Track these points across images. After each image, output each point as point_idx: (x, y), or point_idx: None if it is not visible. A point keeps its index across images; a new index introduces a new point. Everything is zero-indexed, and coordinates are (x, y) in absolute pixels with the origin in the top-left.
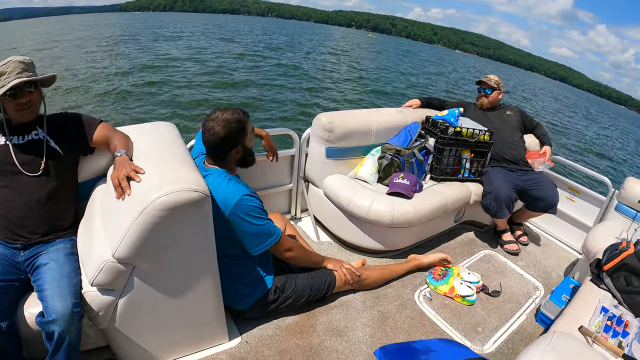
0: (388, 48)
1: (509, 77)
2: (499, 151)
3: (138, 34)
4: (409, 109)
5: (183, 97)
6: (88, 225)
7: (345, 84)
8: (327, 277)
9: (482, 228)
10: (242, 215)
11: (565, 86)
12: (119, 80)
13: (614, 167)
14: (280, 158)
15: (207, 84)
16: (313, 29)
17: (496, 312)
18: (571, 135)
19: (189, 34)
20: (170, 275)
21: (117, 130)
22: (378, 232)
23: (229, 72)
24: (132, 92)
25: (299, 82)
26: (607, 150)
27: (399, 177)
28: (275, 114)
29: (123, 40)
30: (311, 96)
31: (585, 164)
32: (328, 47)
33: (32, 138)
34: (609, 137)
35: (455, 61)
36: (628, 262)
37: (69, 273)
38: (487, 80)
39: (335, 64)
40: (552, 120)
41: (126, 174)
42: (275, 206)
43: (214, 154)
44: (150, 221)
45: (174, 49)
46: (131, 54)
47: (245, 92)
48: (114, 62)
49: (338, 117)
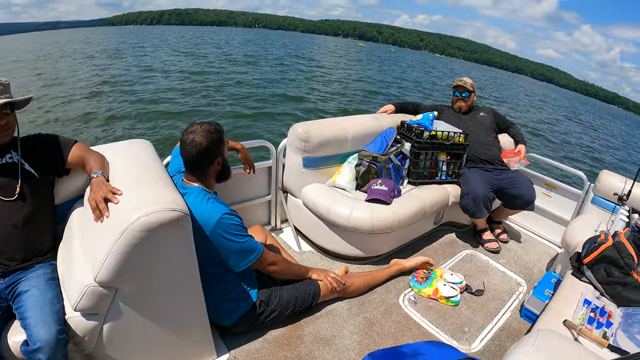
0: (380, 56)
1: (494, 81)
2: (475, 152)
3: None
4: (383, 114)
5: (157, 112)
6: (67, 248)
7: (340, 94)
8: (311, 287)
9: (462, 228)
10: (223, 234)
11: (551, 87)
12: (85, 100)
13: (592, 162)
14: (257, 170)
15: (178, 98)
16: (301, 39)
17: (481, 310)
18: (552, 133)
19: (171, 47)
20: (153, 296)
21: (93, 150)
22: (359, 239)
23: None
24: (100, 111)
25: (291, 92)
26: (586, 146)
27: (377, 184)
28: (262, 127)
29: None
30: (308, 108)
31: (563, 160)
32: (322, 57)
33: (6, 162)
34: (588, 134)
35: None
36: (607, 254)
37: (51, 299)
38: (463, 83)
39: (329, 74)
40: (532, 119)
41: (103, 195)
42: (254, 218)
43: (195, 166)
44: (131, 243)
45: (153, 61)
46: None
47: (226, 105)
48: (79, 82)
49: (313, 127)
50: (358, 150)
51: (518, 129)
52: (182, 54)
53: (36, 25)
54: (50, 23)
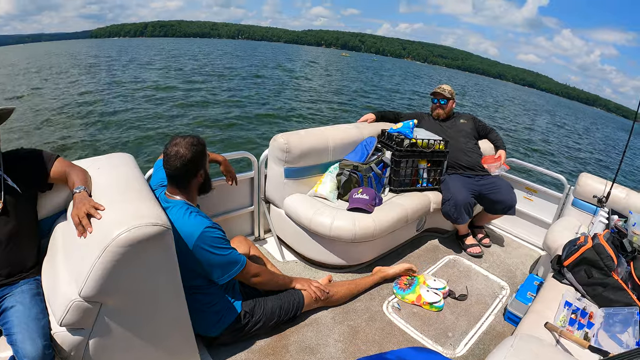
0: (367, 66)
1: (475, 86)
2: (455, 159)
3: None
4: (364, 123)
5: (141, 124)
6: (52, 263)
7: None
8: (295, 297)
9: (444, 234)
10: (206, 247)
11: (533, 91)
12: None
13: (573, 164)
14: (239, 181)
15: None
16: (285, 49)
17: (464, 315)
18: (532, 136)
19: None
20: (137, 310)
21: (75, 165)
22: (342, 248)
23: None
24: (78, 121)
25: (282, 103)
26: (565, 148)
27: (358, 193)
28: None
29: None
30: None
31: (543, 164)
32: (308, 67)
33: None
34: (569, 137)
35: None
36: (587, 256)
37: (36, 315)
38: (441, 91)
39: (317, 84)
40: (514, 123)
41: (86, 211)
42: (238, 229)
43: (178, 179)
44: (113, 258)
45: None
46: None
47: (221, 113)
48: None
49: (294, 137)
50: (339, 159)
51: (498, 134)
52: (153, 68)
53: (19, 37)
54: (33, 35)
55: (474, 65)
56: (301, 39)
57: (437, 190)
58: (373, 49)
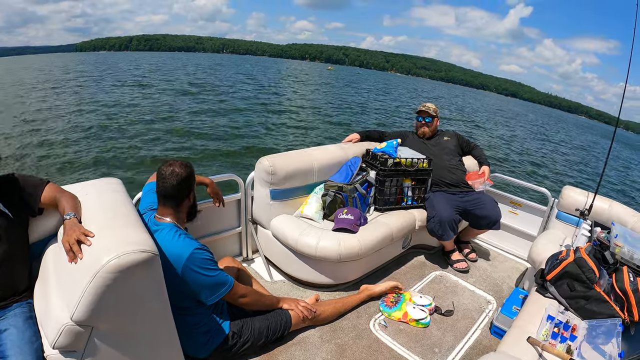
0: (352, 80)
1: (455, 97)
2: (439, 176)
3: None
4: (349, 144)
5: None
6: (43, 287)
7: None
8: (282, 316)
9: (430, 250)
10: (195, 268)
11: (516, 101)
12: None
13: (555, 176)
14: (226, 203)
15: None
16: (270, 63)
17: (451, 330)
18: (513, 148)
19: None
20: (128, 332)
21: (65, 190)
22: (328, 268)
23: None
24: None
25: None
26: (546, 160)
27: (343, 213)
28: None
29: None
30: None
31: (527, 177)
32: (295, 81)
33: None
34: (549, 147)
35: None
36: (569, 270)
37: (29, 338)
38: (426, 109)
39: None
40: (494, 135)
41: (76, 238)
42: (226, 250)
43: (172, 199)
44: (103, 283)
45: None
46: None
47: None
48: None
49: (279, 160)
50: (324, 180)
51: (481, 150)
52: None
53: (4, 50)
54: (19, 48)
55: (457, 77)
56: (285, 53)
57: (422, 207)
58: (357, 62)
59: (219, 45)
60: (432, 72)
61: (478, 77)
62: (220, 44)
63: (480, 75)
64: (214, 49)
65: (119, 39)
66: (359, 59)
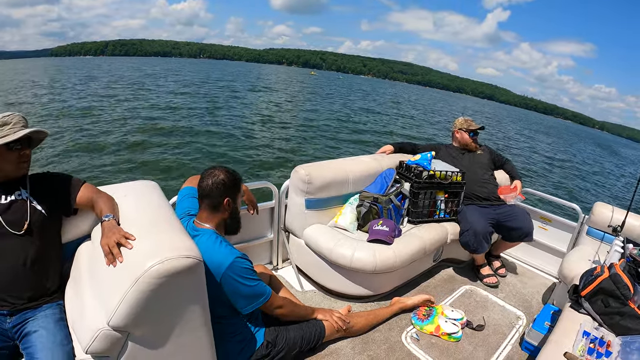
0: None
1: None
2: (472, 190)
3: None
4: (382, 155)
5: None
6: (76, 289)
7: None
8: (316, 327)
9: (460, 264)
10: (236, 277)
11: (492, 103)
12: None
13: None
14: (260, 210)
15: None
16: (250, 68)
17: (482, 345)
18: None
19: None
20: (165, 340)
21: (102, 191)
22: (361, 279)
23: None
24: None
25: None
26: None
27: (378, 224)
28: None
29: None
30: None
31: (554, 192)
32: (277, 86)
33: (15, 199)
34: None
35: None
36: (604, 286)
37: (61, 340)
38: (475, 125)
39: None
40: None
41: (116, 240)
42: (256, 257)
43: (209, 199)
44: (145, 289)
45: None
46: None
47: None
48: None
49: (315, 169)
50: (359, 191)
51: (513, 165)
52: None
53: None
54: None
55: (434, 80)
56: (262, 58)
57: (454, 221)
58: (334, 66)
59: (195, 50)
60: (409, 75)
61: (455, 81)
62: (197, 48)
63: (457, 79)
64: (191, 54)
65: (95, 43)
66: (336, 64)
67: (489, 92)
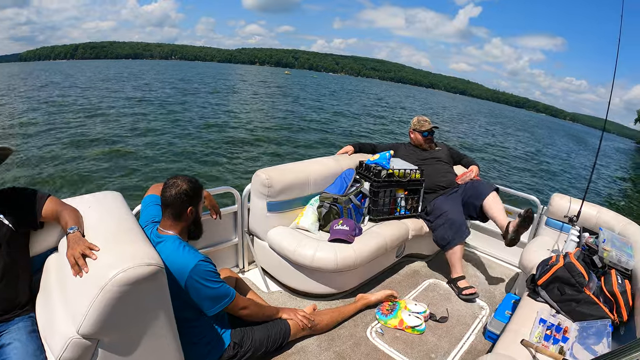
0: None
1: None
2: (435, 182)
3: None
4: (343, 155)
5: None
6: (46, 300)
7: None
8: (281, 326)
9: (423, 259)
10: (199, 280)
11: (464, 98)
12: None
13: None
14: (223, 215)
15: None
16: (222, 69)
17: (446, 336)
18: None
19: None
20: (133, 344)
21: (66, 204)
22: (324, 278)
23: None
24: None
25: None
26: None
27: (338, 224)
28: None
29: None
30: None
31: (514, 186)
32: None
33: None
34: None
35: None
36: (559, 275)
37: (34, 351)
38: (431, 125)
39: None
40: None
41: (81, 251)
42: (222, 261)
43: (172, 208)
44: (110, 297)
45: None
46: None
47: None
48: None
49: (276, 172)
50: (319, 192)
51: (471, 158)
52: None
53: None
54: None
55: (406, 77)
56: (235, 58)
57: (414, 217)
58: (306, 65)
59: (167, 52)
60: (381, 72)
61: (427, 77)
62: (169, 50)
63: (429, 75)
64: (162, 56)
65: (65, 47)
66: (308, 62)
67: (461, 87)
